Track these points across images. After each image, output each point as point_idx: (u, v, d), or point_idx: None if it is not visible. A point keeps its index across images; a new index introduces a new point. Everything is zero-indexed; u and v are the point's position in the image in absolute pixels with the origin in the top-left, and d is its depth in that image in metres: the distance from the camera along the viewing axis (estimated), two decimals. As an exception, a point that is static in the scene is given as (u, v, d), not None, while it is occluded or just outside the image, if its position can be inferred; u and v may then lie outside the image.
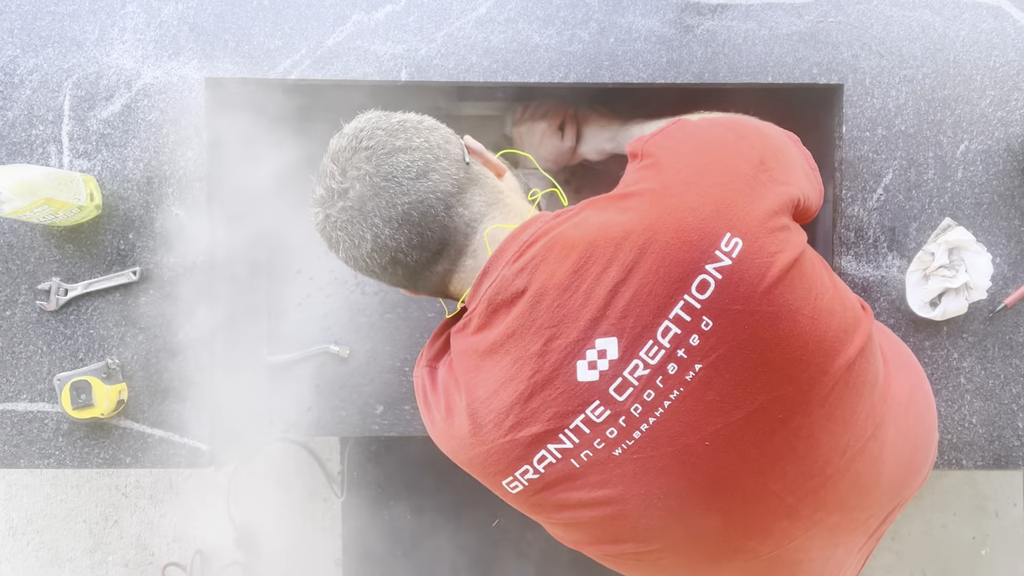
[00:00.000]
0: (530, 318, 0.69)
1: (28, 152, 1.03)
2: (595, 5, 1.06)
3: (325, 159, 0.75)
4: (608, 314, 0.66)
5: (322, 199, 0.75)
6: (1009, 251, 1.07)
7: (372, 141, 0.72)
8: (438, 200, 0.72)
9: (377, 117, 0.76)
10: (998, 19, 1.07)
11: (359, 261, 0.75)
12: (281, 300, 1.31)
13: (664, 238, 0.66)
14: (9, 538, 1.81)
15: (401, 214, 0.71)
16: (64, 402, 0.99)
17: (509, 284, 0.70)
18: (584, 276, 0.67)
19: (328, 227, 0.75)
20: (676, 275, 0.65)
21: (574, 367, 0.67)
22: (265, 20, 1.05)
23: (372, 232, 0.72)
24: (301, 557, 1.81)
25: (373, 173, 0.71)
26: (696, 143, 0.74)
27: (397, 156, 0.72)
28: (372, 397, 1.29)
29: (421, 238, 0.72)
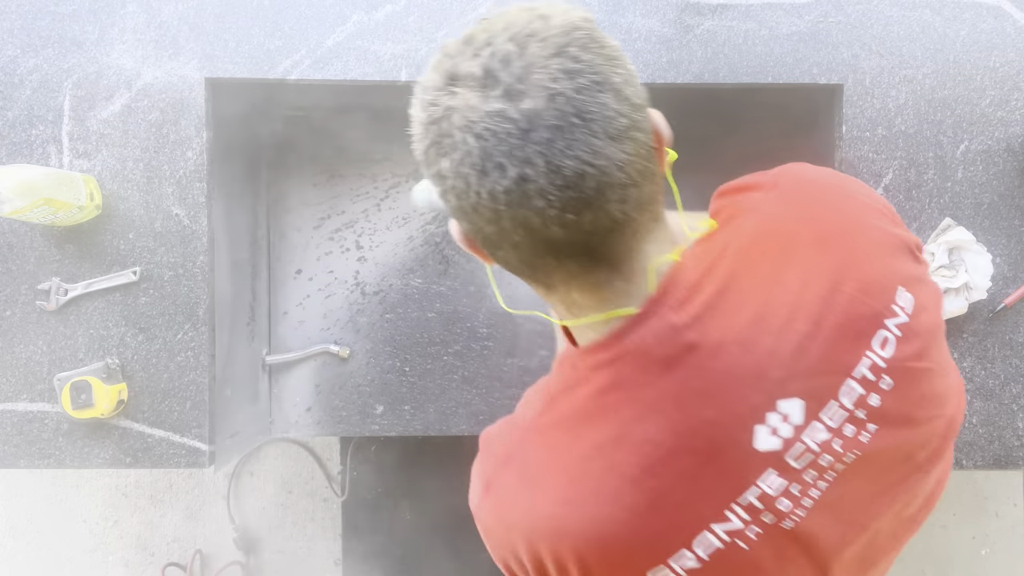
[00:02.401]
0: (702, 378, 0.56)
1: (28, 152, 1.03)
2: (595, 5, 1.06)
3: (495, 28, 0.51)
4: (794, 373, 0.57)
5: (463, 77, 0.50)
6: (1009, 251, 1.07)
7: (586, 55, 0.50)
8: (620, 182, 0.51)
9: (594, 25, 0.53)
10: (998, 19, 1.07)
11: (468, 189, 0.51)
12: (281, 300, 1.31)
13: (847, 289, 0.59)
14: (9, 538, 1.81)
15: (574, 172, 0.49)
16: (64, 402, 0.99)
17: (677, 335, 0.56)
18: (765, 330, 0.57)
19: (456, 122, 0.50)
20: (860, 330, 0.59)
21: (752, 434, 0.57)
22: (265, 20, 1.05)
23: (521, 170, 0.49)
24: (301, 557, 1.80)
25: (571, 97, 0.49)
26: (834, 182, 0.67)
27: (607, 95, 0.50)
28: (372, 397, 1.29)
29: (579, 216, 0.51)
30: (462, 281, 1.31)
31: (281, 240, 1.31)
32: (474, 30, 0.52)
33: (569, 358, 0.63)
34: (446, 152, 0.51)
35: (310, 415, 1.30)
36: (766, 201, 0.64)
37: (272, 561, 1.81)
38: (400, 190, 1.32)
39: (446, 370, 1.28)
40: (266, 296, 1.30)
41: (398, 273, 1.31)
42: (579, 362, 0.61)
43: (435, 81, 0.52)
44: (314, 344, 1.30)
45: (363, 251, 1.31)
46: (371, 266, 1.31)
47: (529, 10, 0.52)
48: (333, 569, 1.80)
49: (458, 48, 0.52)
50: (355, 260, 1.31)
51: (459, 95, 0.50)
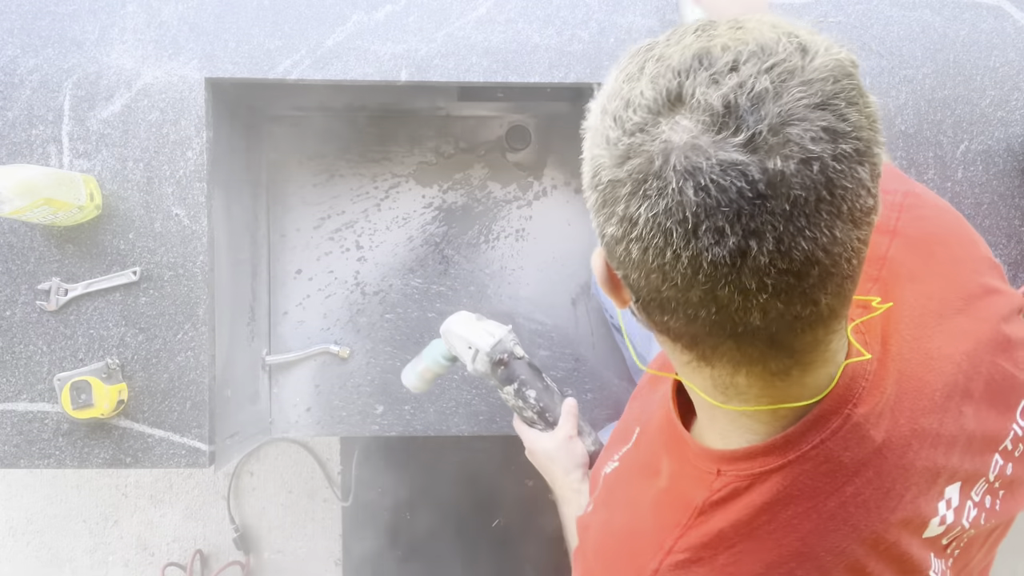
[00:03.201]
0: (888, 478, 0.51)
1: (28, 152, 1.03)
2: (595, 5, 1.06)
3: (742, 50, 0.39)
4: (960, 460, 0.54)
5: (700, 109, 0.39)
6: (1009, 251, 1.07)
7: (854, 114, 0.39)
8: (843, 274, 0.42)
9: (858, 72, 0.41)
10: (998, 19, 1.07)
11: (664, 248, 0.40)
12: (281, 300, 1.31)
13: (987, 357, 0.56)
14: (9, 538, 1.81)
15: (805, 257, 0.39)
16: (64, 402, 0.99)
17: (864, 436, 0.49)
18: (942, 419, 0.53)
19: (673, 162, 0.39)
20: (1006, 400, 0.57)
21: (925, 526, 0.53)
22: (265, 20, 1.05)
23: (745, 242, 0.39)
24: (301, 557, 1.80)
25: (827, 165, 0.38)
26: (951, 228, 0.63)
27: (864, 169, 0.40)
28: (372, 397, 1.29)
29: (787, 306, 0.41)
30: (462, 281, 1.31)
31: (281, 240, 1.31)
32: (711, 43, 0.40)
33: (707, 460, 0.53)
34: (648, 196, 0.40)
35: (310, 415, 1.30)
36: (892, 251, 0.58)
37: (272, 561, 1.81)
38: (400, 190, 1.32)
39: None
40: (266, 296, 1.30)
41: (398, 273, 1.31)
42: (730, 467, 0.52)
43: (650, 99, 0.40)
44: (314, 344, 1.30)
45: (363, 251, 1.31)
46: (371, 266, 1.31)
47: (786, 34, 0.40)
48: (333, 569, 1.80)
49: (688, 63, 0.40)
50: (355, 260, 1.31)
51: (683, 128, 0.39)
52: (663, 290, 0.43)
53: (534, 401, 0.92)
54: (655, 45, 0.43)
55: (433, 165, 1.33)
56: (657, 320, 0.46)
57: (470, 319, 0.96)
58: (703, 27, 0.42)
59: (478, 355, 0.93)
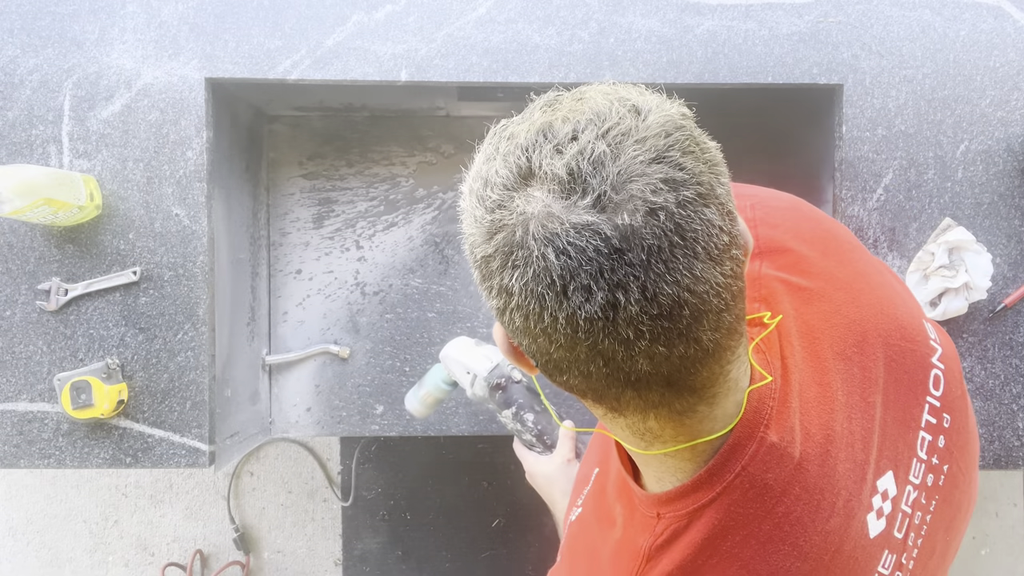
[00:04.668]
0: (815, 490, 0.51)
1: (28, 152, 1.03)
2: (595, 5, 1.06)
3: (580, 119, 0.42)
4: (882, 449, 0.55)
5: (548, 180, 0.41)
6: (1009, 251, 1.07)
7: (690, 162, 0.42)
8: (715, 308, 0.43)
9: (692, 124, 0.44)
10: (998, 19, 1.07)
11: (542, 312, 0.42)
12: (281, 300, 1.31)
13: (894, 341, 0.57)
14: (9, 538, 1.81)
15: (672, 300, 0.41)
16: (64, 402, 0.99)
17: (782, 456, 0.50)
18: (851, 416, 0.54)
19: (532, 231, 0.41)
20: (916, 379, 0.58)
21: (864, 525, 0.54)
22: (265, 20, 1.05)
23: (612, 296, 0.41)
24: (301, 557, 1.80)
25: (672, 212, 0.41)
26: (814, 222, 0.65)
27: (710, 209, 0.42)
28: (372, 397, 1.29)
29: (669, 349, 0.43)
30: (462, 281, 1.31)
31: (281, 240, 1.31)
32: (553, 116, 0.43)
33: (648, 505, 0.55)
34: (517, 266, 0.42)
35: (310, 415, 1.30)
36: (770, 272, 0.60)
37: (272, 561, 1.81)
38: (400, 190, 1.32)
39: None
40: (266, 296, 1.30)
41: (398, 273, 1.31)
42: (666, 510, 0.53)
43: (504, 176, 0.43)
44: (314, 344, 1.30)
45: (363, 251, 1.31)
46: (371, 266, 1.31)
47: (618, 100, 0.43)
48: (333, 569, 1.80)
49: (533, 138, 0.43)
50: (355, 260, 1.31)
51: (536, 199, 0.41)
52: (552, 352, 0.44)
53: (532, 424, 0.94)
54: (508, 124, 0.46)
55: (433, 165, 1.33)
56: (560, 381, 0.48)
57: (468, 344, 0.99)
58: (548, 102, 0.45)
59: (476, 380, 0.96)
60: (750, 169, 0.79)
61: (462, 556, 1.77)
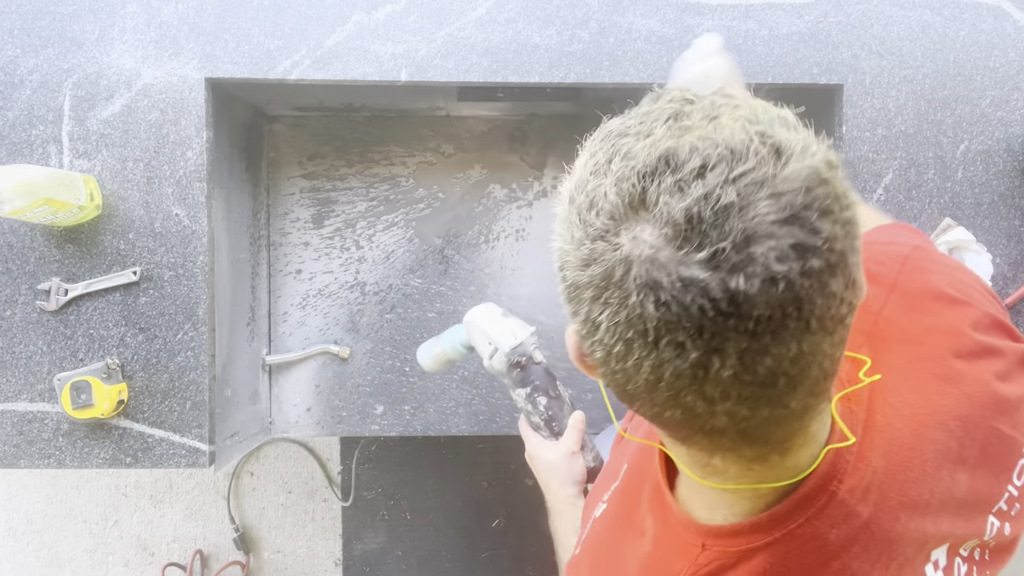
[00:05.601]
0: (876, 550, 0.50)
1: (28, 152, 1.03)
2: (595, 5, 1.06)
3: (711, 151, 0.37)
4: (952, 523, 0.53)
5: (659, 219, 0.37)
6: (1009, 251, 1.07)
7: (827, 226, 0.37)
8: (814, 378, 0.41)
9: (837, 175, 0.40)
10: (998, 19, 1.07)
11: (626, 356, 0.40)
12: (281, 300, 1.31)
13: (995, 424, 0.54)
14: (9, 538, 1.81)
15: (769, 370, 0.38)
16: (64, 402, 0.99)
17: (851, 514, 0.48)
18: (931, 487, 0.51)
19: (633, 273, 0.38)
20: (1001, 463, 0.55)
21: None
22: (265, 20, 1.05)
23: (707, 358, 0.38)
24: (301, 557, 1.80)
25: (794, 282, 0.36)
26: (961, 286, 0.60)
27: (836, 280, 0.38)
28: (372, 397, 1.29)
29: (753, 412, 0.41)
30: (462, 281, 1.31)
31: (281, 240, 1.31)
32: (679, 142, 0.38)
33: (693, 533, 0.53)
34: (609, 304, 0.39)
35: (310, 415, 1.30)
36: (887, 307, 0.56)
37: (272, 561, 1.81)
38: (400, 190, 1.32)
39: (446, 370, 1.28)
40: (266, 296, 1.30)
41: (398, 273, 1.31)
42: (715, 543, 0.51)
43: (613, 204, 0.38)
44: (314, 344, 1.30)
45: (363, 251, 1.31)
46: (371, 266, 1.31)
47: (759, 135, 0.38)
48: (333, 569, 1.80)
49: (653, 165, 0.38)
50: (355, 260, 1.31)
51: (644, 240, 0.37)
52: (628, 388, 0.42)
53: (543, 408, 0.92)
54: (626, 132, 0.40)
55: (433, 165, 1.33)
56: (628, 404, 0.46)
57: (495, 314, 0.94)
58: (675, 114, 0.40)
59: (496, 353, 0.91)
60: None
61: (462, 556, 1.77)
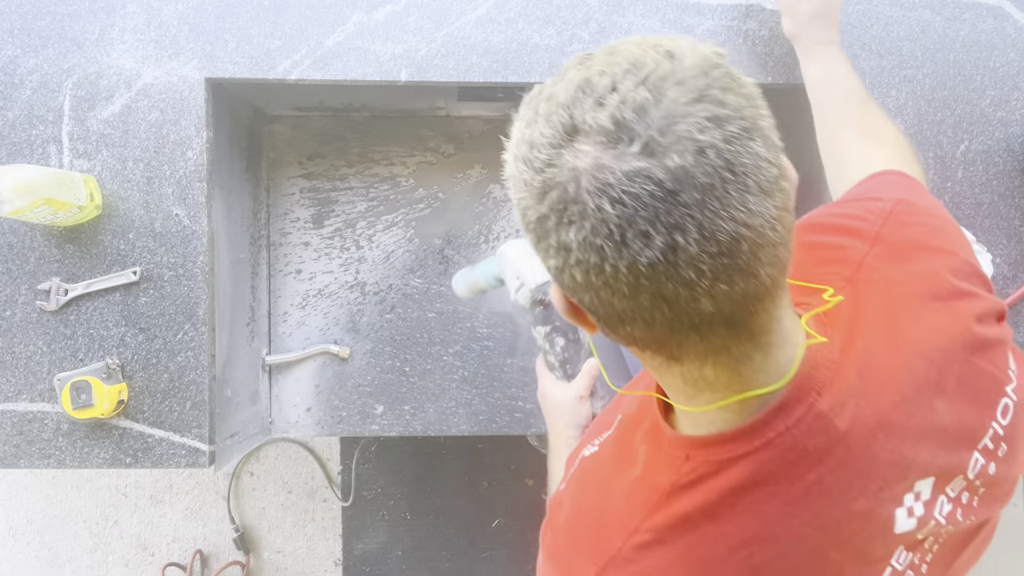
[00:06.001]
0: (853, 468, 0.52)
1: (28, 152, 1.03)
2: (595, 5, 1.06)
3: (617, 70, 0.43)
4: (935, 454, 0.55)
5: (594, 133, 0.42)
6: (1009, 251, 1.07)
7: (731, 98, 0.43)
8: (771, 242, 0.44)
9: (727, 62, 0.45)
10: (998, 19, 1.07)
11: (603, 263, 0.43)
12: (281, 300, 1.31)
13: (976, 359, 0.57)
14: (9, 538, 1.81)
15: (730, 236, 0.42)
16: (64, 402, 0.99)
17: (827, 425, 0.51)
18: (911, 411, 0.54)
19: (584, 185, 0.42)
20: (984, 398, 0.57)
21: (892, 518, 0.54)
22: (265, 20, 1.05)
23: (670, 238, 0.41)
24: (301, 557, 1.80)
25: (721, 149, 0.41)
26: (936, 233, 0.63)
27: (757, 143, 0.43)
28: (372, 397, 1.29)
29: (731, 286, 0.43)
30: (462, 281, 1.31)
31: (281, 240, 1.31)
32: (588, 72, 0.44)
33: (678, 446, 0.55)
34: (572, 221, 0.43)
35: (310, 415, 1.30)
36: (870, 256, 0.60)
37: (272, 561, 1.81)
38: (400, 190, 1.32)
39: (446, 370, 1.28)
40: (266, 296, 1.30)
41: (398, 273, 1.31)
42: (698, 453, 0.53)
43: (549, 136, 0.43)
44: (314, 344, 1.30)
45: (363, 251, 1.31)
46: (371, 266, 1.31)
47: (652, 46, 0.44)
48: (333, 569, 1.80)
49: (572, 95, 0.43)
50: (355, 260, 1.31)
51: (585, 153, 0.42)
52: (615, 304, 0.45)
53: (560, 350, 0.94)
54: (543, 88, 0.46)
55: (433, 165, 1.33)
56: (623, 334, 0.49)
57: (527, 251, 0.95)
58: (580, 60, 0.46)
59: (522, 288, 0.93)
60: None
61: (462, 556, 1.77)
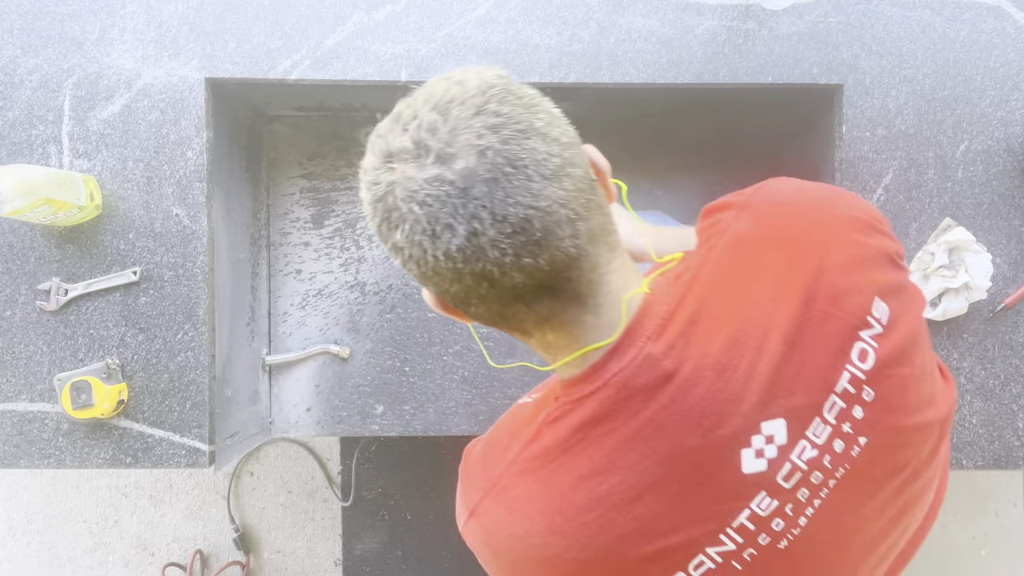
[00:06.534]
0: (683, 406, 0.57)
1: (28, 152, 1.03)
2: (595, 5, 1.06)
3: (417, 103, 0.54)
4: (775, 395, 0.58)
5: (399, 153, 0.53)
6: (1009, 251, 1.07)
7: (505, 108, 0.53)
8: (566, 218, 0.53)
9: (508, 79, 0.56)
10: (998, 19, 1.07)
11: (424, 255, 0.53)
12: (281, 300, 1.31)
13: (819, 306, 0.60)
14: (9, 538, 1.81)
15: (520, 217, 0.51)
16: (64, 402, 0.99)
17: (654, 365, 0.57)
18: (742, 353, 0.58)
19: (399, 195, 0.52)
20: (837, 345, 0.59)
21: (738, 458, 0.58)
22: (265, 20, 1.05)
23: (469, 226, 0.51)
24: (301, 557, 1.80)
25: (498, 150, 0.51)
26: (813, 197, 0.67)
27: (533, 140, 0.53)
28: (372, 397, 1.29)
29: (535, 259, 0.53)
30: (462, 281, 1.31)
31: (281, 240, 1.31)
32: (399, 108, 0.56)
33: (553, 390, 0.65)
34: (396, 225, 0.54)
35: (310, 415, 1.30)
36: (736, 221, 0.64)
37: (272, 561, 1.81)
38: (400, 190, 1.32)
39: (446, 370, 1.28)
40: (266, 296, 1.30)
41: (398, 273, 1.31)
42: (561, 395, 0.62)
43: (373, 162, 0.55)
44: (314, 344, 1.30)
45: (363, 251, 1.31)
46: (371, 266, 1.31)
47: (445, 79, 0.56)
48: (333, 569, 1.80)
49: (388, 127, 0.55)
50: (355, 260, 1.31)
51: (397, 170, 0.53)
52: (451, 288, 0.56)
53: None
54: (379, 125, 0.57)
55: (433, 165, 1.32)
56: (475, 315, 0.59)
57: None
58: (403, 98, 0.57)
59: None
60: (750, 169, 0.79)
61: (462, 556, 1.77)
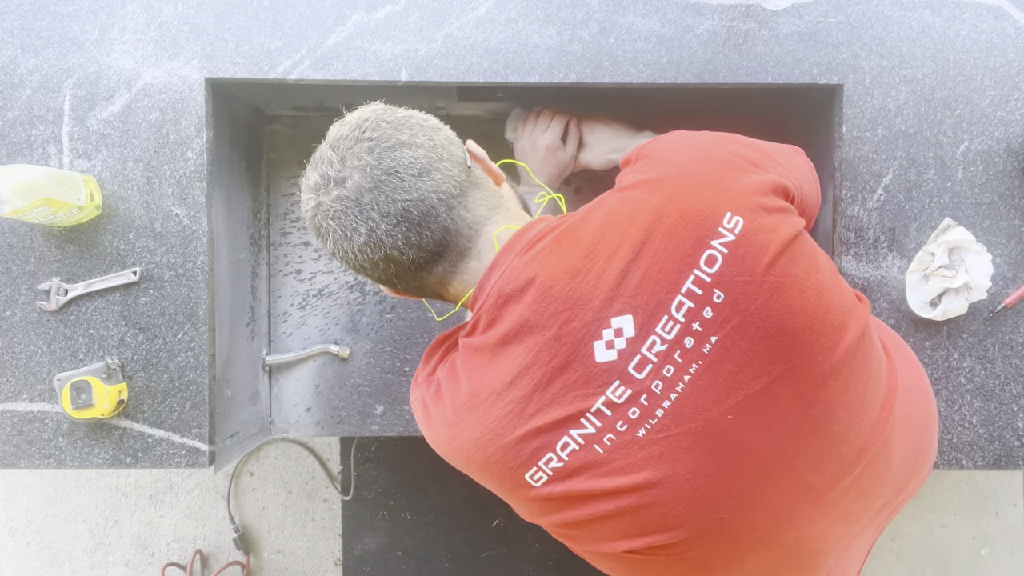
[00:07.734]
0: (543, 304, 0.70)
1: (28, 152, 1.03)
2: (595, 5, 1.06)
3: (323, 146, 0.74)
4: (621, 293, 0.68)
5: (316, 186, 0.73)
6: (1009, 251, 1.07)
7: (376, 133, 0.71)
8: (439, 201, 0.72)
9: (382, 109, 0.75)
10: (998, 19, 1.07)
11: (348, 254, 0.73)
12: (281, 300, 1.31)
13: (669, 220, 0.69)
14: (9, 538, 1.81)
15: (400, 210, 0.70)
16: (64, 402, 0.99)
17: (519, 273, 0.71)
18: (594, 260, 0.69)
19: (319, 216, 0.73)
20: (684, 251, 0.68)
21: (591, 348, 0.68)
22: (265, 20, 1.05)
23: (367, 225, 0.70)
24: (301, 557, 1.80)
25: (375, 165, 0.70)
26: (691, 143, 0.78)
27: (400, 151, 0.71)
28: (372, 397, 1.29)
29: (420, 237, 0.72)
30: (462, 281, 1.31)
31: (281, 240, 1.31)
32: (317, 152, 0.75)
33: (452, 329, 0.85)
34: (324, 237, 0.74)
35: (310, 415, 1.30)
36: (629, 173, 0.77)
37: (272, 561, 1.81)
38: (400, 190, 1.32)
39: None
40: (266, 296, 1.30)
41: (398, 273, 1.31)
42: (467, 314, 0.81)
43: (303, 196, 0.76)
44: (314, 344, 1.30)
45: (363, 251, 1.31)
46: (371, 266, 1.31)
47: (340, 124, 0.75)
48: (333, 569, 1.80)
49: (309, 167, 0.75)
50: (355, 260, 1.31)
51: (315, 198, 0.74)
52: (379, 275, 0.76)
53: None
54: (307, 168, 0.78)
55: (433, 165, 1.32)
56: (405, 288, 0.79)
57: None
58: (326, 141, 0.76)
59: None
60: (750, 169, 0.80)
61: (462, 556, 1.77)
